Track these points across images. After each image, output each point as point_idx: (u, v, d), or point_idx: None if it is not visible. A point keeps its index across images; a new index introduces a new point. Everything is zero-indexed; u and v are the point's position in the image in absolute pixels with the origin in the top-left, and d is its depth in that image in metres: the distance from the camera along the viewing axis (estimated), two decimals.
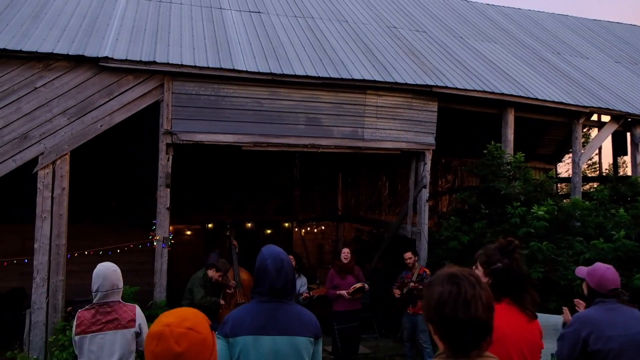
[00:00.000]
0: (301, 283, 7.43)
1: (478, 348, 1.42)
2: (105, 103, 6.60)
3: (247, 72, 7.09)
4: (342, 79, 7.56)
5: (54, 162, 6.37)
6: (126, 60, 6.61)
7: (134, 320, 3.34)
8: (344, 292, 7.03)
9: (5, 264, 7.23)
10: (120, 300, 3.28)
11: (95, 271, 3.26)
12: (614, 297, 3.19)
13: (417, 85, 8.01)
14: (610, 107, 9.45)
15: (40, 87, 6.37)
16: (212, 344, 1.52)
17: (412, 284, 7.04)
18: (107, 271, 3.22)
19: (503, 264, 2.51)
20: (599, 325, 3.08)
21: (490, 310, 1.44)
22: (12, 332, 7.16)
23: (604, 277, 3.21)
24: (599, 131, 10.26)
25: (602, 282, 3.20)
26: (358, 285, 7.07)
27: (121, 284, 3.31)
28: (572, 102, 9.14)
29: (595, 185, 10.55)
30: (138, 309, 3.43)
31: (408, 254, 7.39)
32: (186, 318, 1.48)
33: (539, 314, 6.54)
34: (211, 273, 6.71)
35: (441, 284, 1.45)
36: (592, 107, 9.29)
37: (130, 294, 6.24)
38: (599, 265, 3.34)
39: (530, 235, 7.12)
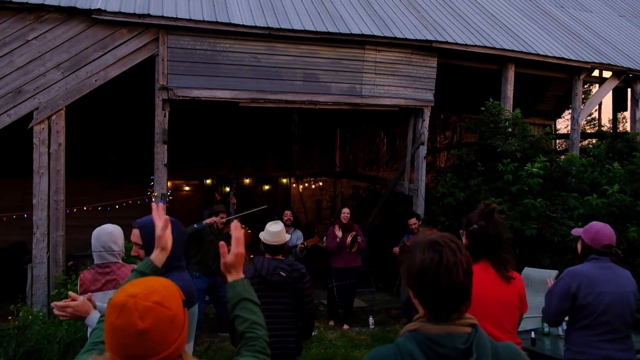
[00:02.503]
0: (297, 237, 7.56)
1: (458, 311, 1.45)
2: (99, 57, 6.49)
3: (243, 26, 6.94)
4: (340, 34, 7.42)
5: (49, 118, 6.33)
6: (119, 12, 6.45)
7: None
8: (342, 238, 7.22)
9: (4, 219, 7.30)
10: (120, 261, 3.32)
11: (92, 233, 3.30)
12: (607, 255, 3.21)
13: (416, 40, 7.86)
14: (611, 63, 9.33)
15: (32, 39, 6.25)
16: (182, 322, 1.33)
17: None
18: (100, 232, 3.25)
19: (479, 226, 2.60)
20: (591, 281, 3.11)
21: (471, 275, 1.46)
22: (14, 286, 7.32)
23: (599, 232, 3.23)
24: (599, 87, 10.17)
25: (597, 237, 3.21)
26: (350, 236, 7.22)
27: (117, 247, 3.31)
28: (573, 58, 9.01)
29: (593, 142, 10.53)
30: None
31: (413, 220, 7.45)
32: (155, 290, 1.30)
33: (532, 269, 6.70)
34: (216, 219, 6.70)
35: (422, 251, 1.45)
36: (594, 62, 9.17)
37: (128, 250, 6.33)
38: (594, 222, 3.36)
39: (524, 192, 7.17)
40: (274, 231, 4.02)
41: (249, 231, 8.21)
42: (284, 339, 3.91)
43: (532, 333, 4.45)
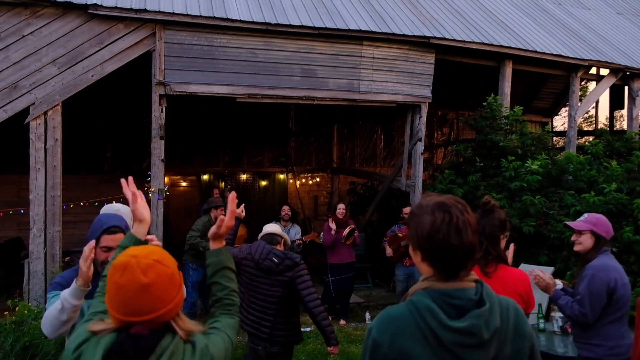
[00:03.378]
0: (295, 232, 7.60)
1: (466, 269, 1.50)
2: (95, 52, 6.46)
3: (241, 21, 6.92)
4: (338, 30, 7.40)
5: (45, 113, 6.30)
6: (116, 7, 6.42)
7: None
8: (338, 232, 7.27)
9: (1, 214, 7.28)
10: None
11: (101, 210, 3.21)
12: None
13: (414, 36, 7.85)
14: (609, 61, 9.34)
15: (28, 35, 6.21)
16: (179, 281, 1.46)
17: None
18: (108, 210, 3.16)
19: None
20: (619, 273, 3.14)
21: (476, 234, 1.51)
22: (11, 281, 7.30)
23: (608, 223, 3.26)
24: (597, 84, 10.19)
25: (609, 227, 3.24)
26: (348, 229, 7.25)
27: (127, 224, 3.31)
28: (570, 55, 9.02)
29: (590, 139, 10.55)
30: None
31: (408, 208, 7.45)
32: (154, 251, 1.43)
33: (528, 265, 6.69)
34: (217, 213, 6.79)
35: (432, 213, 1.49)
36: (591, 60, 9.17)
37: None
38: (598, 215, 3.35)
39: (523, 189, 7.19)
40: (270, 225, 4.32)
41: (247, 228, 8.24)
42: (259, 322, 4.00)
43: None
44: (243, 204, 4.37)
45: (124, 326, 1.37)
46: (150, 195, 6.82)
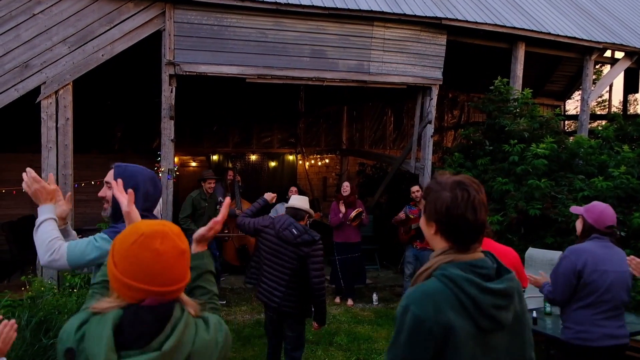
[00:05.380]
0: None
1: (478, 242, 1.64)
2: (105, 32, 6.46)
3: (250, 0, 6.87)
4: (348, 10, 7.33)
5: (56, 92, 6.34)
6: None
7: None
8: (346, 213, 7.32)
9: (14, 192, 7.39)
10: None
11: None
12: (608, 235, 3.26)
13: (426, 17, 7.76)
14: (624, 43, 9.18)
15: (38, 13, 6.22)
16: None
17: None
18: None
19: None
20: (595, 259, 3.15)
21: (487, 212, 1.65)
22: (25, 258, 7.44)
23: (603, 213, 3.25)
24: (611, 68, 10.03)
25: (601, 218, 3.24)
26: (356, 211, 7.26)
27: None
28: (585, 37, 8.87)
29: (603, 123, 10.43)
30: None
31: (415, 187, 7.44)
32: (165, 222, 1.43)
33: (536, 250, 6.70)
34: (206, 186, 7.14)
35: (451, 190, 1.61)
36: (606, 42, 9.02)
37: None
38: (597, 203, 3.38)
39: (529, 173, 7.15)
40: (298, 197, 4.46)
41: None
42: (271, 291, 4.19)
43: (534, 312, 4.49)
44: (274, 194, 4.56)
45: (135, 302, 1.35)
46: (160, 175, 6.88)
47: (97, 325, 1.30)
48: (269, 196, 4.54)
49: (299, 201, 4.39)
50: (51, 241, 2.19)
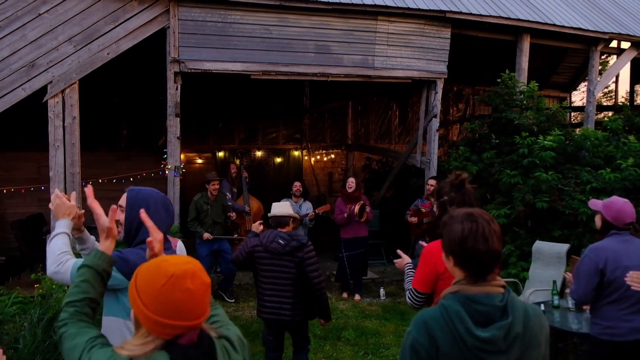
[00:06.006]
0: (306, 207, 7.71)
1: (493, 272, 1.67)
2: (110, 30, 6.48)
3: None
4: (352, 4, 7.32)
5: (63, 91, 6.38)
6: None
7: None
8: (350, 208, 7.30)
9: (22, 191, 7.45)
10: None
11: None
12: (627, 230, 3.23)
13: (430, 10, 7.73)
14: (630, 33, 9.11)
15: (43, 13, 6.25)
16: None
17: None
18: None
19: (449, 197, 2.69)
20: (616, 256, 3.13)
21: (501, 242, 1.69)
22: (34, 256, 7.50)
23: (621, 210, 3.22)
24: (617, 58, 9.96)
25: (620, 215, 3.21)
26: (359, 204, 7.27)
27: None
28: (591, 28, 8.81)
29: (609, 115, 10.36)
30: (180, 243, 3.42)
31: (432, 181, 7.41)
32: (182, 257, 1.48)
33: (543, 242, 6.68)
34: (210, 188, 7.12)
35: (461, 222, 1.68)
36: (612, 33, 8.96)
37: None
38: (615, 198, 3.33)
39: (536, 166, 7.13)
40: (279, 204, 4.44)
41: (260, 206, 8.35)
42: (279, 305, 4.17)
43: (542, 305, 4.49)
44: (262, 221, 4.59)
45: (171, 338, 1.37)
46: (167, 172, 6.92)
47: None
48: (256, 228, 4.51)
49: (280, 208, 4.38)
50: (60, 254, 2.26)
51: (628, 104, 12.27)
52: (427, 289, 2.67)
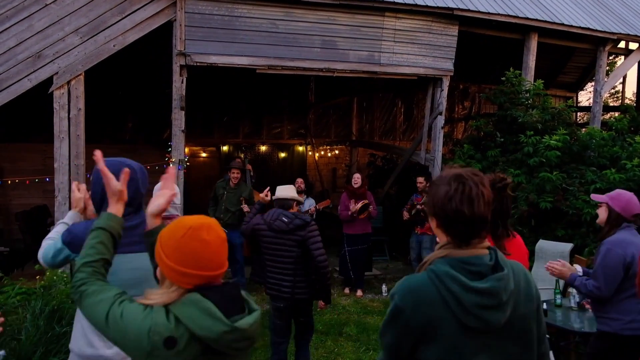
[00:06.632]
0: (309, 204, 7.75)
1: (479, 237, 1.58)
2: (117, 22, 6.47)
3: None
4: (359, 0, 7.29)
5: (68, 82, 6.38)
6: None
7: None
8: (353, 206, 7.32)
9: (27, 182, 7.47)
10: (180, 214, 3.39)
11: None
12: (635, 223, 3.21)
13: (437, 7, 7.69)
14: (639, 34, 9.05)
15: (50, 3, 6.24)
16: None
17: (419, 206, 7.29)
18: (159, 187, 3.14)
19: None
20: (638, 248, 3.09)
21: (490, 206, 1.57)
22: (38, 247, 7.53)
23: (631, 201, 3.21)
24: (625, 59, 9.90)
25: (629, 206, 3.19)
26: (361, 203, 7.30)
27: (177, 200, 3.38)
28: (599, 28, 8.76)
29: (615, 115, 10.30)
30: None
31: (420, 179, 7.70)
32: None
33: (546, 242, 6.66)
34: (231, 175, 7.20)
35: (448, 183, 1.57)
36: (620, 33, 8.90)
37: None
38: (621, 191, 3.33)
39: (541, 165, 7.11)
40: (283, 187, 4.50)
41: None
42: (279, 282, 4.25)
43: (545, 304, 4.48)
44: (268, 188, 4.61)
45: (191, 287, 1.48)
46: (171, 165, 6.92)
47: (189, 307, 1.43)
48: (263, 198, 4.55)
49: (284, 191, 4.44)
50: (45, 240, 2.44)
51: (634, 105, 12.20)
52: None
